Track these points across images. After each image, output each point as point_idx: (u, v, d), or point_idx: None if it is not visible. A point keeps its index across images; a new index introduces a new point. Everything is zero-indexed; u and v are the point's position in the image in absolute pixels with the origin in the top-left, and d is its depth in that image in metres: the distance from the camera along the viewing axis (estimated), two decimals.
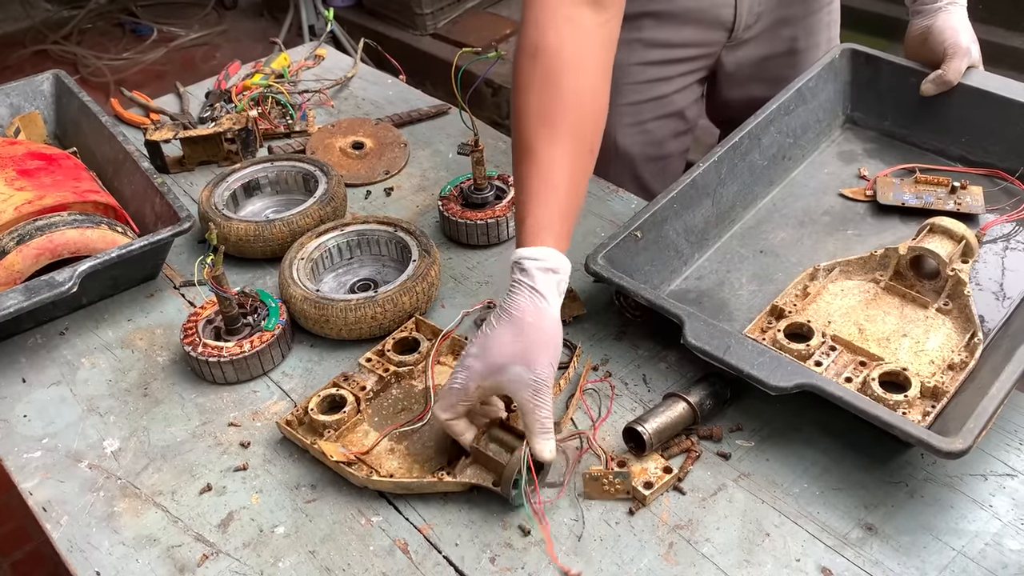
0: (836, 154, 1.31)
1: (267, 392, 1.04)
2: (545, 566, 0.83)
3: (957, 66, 1.21)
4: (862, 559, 0.82)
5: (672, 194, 1.11)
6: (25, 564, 1.95)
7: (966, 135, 1.24)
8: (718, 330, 0.94)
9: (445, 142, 1.46)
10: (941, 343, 0.98)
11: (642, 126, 1.44)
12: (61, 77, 1.47)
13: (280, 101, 1.54)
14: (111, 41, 4.13)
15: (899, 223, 1.18)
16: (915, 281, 1.05)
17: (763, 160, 1.23)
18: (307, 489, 0.92)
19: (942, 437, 0.81)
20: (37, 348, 1.11)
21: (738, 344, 0.92)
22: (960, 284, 1.01)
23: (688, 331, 0.94)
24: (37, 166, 1.22)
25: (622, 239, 1.06)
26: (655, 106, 1.42)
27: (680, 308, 0.97)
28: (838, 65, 1.31)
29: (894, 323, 1.01)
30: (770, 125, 1.23)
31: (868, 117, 1.33)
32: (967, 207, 1.16)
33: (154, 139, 1.39)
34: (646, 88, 1.40)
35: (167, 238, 1.11)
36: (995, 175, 1.21)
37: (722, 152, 1.17)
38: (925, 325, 1.00)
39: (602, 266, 1.02)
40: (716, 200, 1.17)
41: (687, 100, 1.45)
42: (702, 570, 0.82)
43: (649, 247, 1.09)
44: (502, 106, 3.23)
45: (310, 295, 1.06)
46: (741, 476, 0.90)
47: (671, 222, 1.12)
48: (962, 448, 0.79)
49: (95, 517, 0.91)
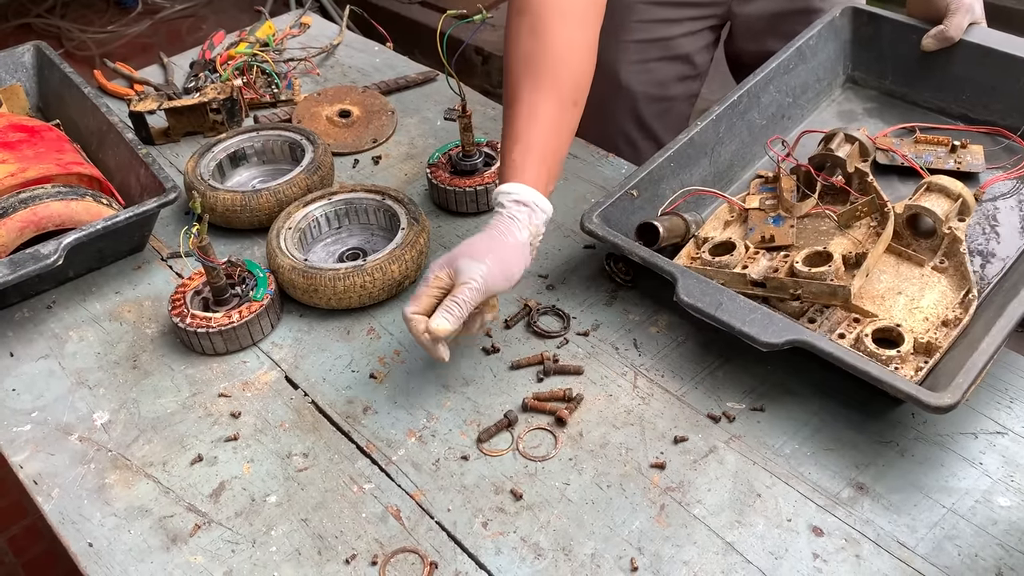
0: (836, 113, 1.30)
1: (257, 362, 1.03)
2: (537, 530, 0.83)
3: (959, 22, 1.19)
4: (853, 518, 0.82)
5: (669, 152, 1.11)
6: (22, 539, 1.96)
7: (967, 93, 1.23)
8: (711, 287, 0.94)
9: (433, 109, 1.45)
10: (936, 300, 0.98)
11: (645, 65, 1.43)
12: (42, 48, 1.45)
13: (265, 70, 1.52)
14: (95, 14, 4.07)
15: (898, 183, 1.16)
16: (912, 240, 1.04)
17: (762, 119, 1.22)
18: (299, 458, 0.92)
19: (930, 392, 0.81)
20: (24, 322, 1.11)
21: (730, 301, 0.92)
22: (956, 242, 1.01)
23: (681, 288, 0.94)
24: (19, 138, 1.20)
25: (617, 198, 1.06)
26: (660, 47, 1.42)
27: (673, 266, 0.97)
28: (838, 23, 1.29)
29: (889, 281, 1.01)
30: (769, 84, 1.22)
31: (869, 76, 1.32)
32: (967, 166, 1.15)
33: (138, 110, 1.37)
34: (652, 27, 1.40)
35: (152, 209, 1.10)
36: (996, 133, 1.20)
37: (720, 111, 1.16)
38: (920, 283, 1.00)
39: (597, 224, 1.02)
40: (713, 159, 1.17)
41: (695, 45, 1.44)
42: (694, 531, 0.82)
43: (645, 206, 1.09)
44: (492, 74, 3.19)
45: (298, 265, 1.05)
46: (732, 438, 0.90)
47: (667, 181, 1.12)
48: (950, 403, 0.79)
49: (86, 489, 0.91)
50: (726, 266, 1.00)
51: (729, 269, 1.00)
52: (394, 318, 1.07)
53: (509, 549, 0.82)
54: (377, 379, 1.00)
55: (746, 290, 0.98)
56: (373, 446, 0.93)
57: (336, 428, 0.95)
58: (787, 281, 0.96)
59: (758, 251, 1.02)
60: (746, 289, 0.98)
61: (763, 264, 1.00)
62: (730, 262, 1.00)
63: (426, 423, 0.94)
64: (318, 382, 1.00)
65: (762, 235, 1.05)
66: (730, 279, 0.99)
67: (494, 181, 1.20)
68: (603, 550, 0.81)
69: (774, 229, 1.04)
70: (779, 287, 0.97)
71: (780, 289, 0.97)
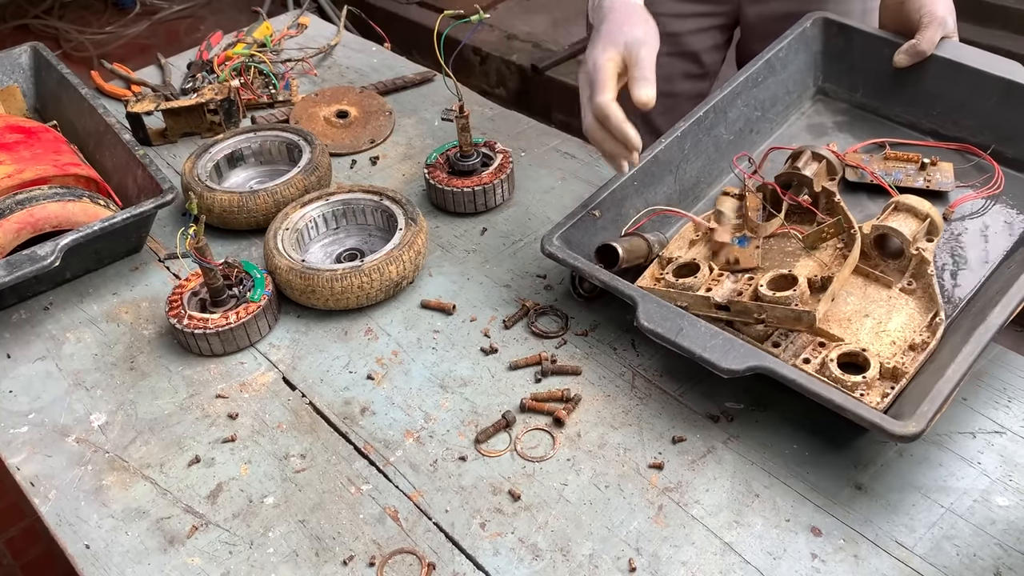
0: (805, 127, 1.26)
1: (254, 363, 1.03)
2: (535, 531, 0.83)
3: (931, 36, 1.15)
4: (851, 518, 0.82)
5: (632, 171, 1.07)
6: (19, 541, 1.96)
7: (938, 108, 1.19)
8: (671, 312, 0.92)
9: (431, 110, 1.45)
10: (903, 323, 0.96)
11: None
12: (39, 49, 1.45)
13: (263, 71, 1.51)
14: (93, 15, 4.07)
15: (867, 200, 1.14)
16: (879, 261, 1.02)
17: (729, 134, 1.19)
18: (296, 459, 0.92)
19: (895, 421, 0.79)
20: (21, 323, 1.10)
21: (691, 326, 0.90)
22: (924, 263, 0.98)
23: (641, 313, 0.92)
24: (16, 139, 1.20)
25: (579, 219, 1.03)
26: (668, 42, 1.40)
27: (633, 289, 0.95)
28: (809, 34, 1.25)
29: (856, 303, 0.98)
30: (737, 98, 1.19)
31: (839, 89, 1.28)
32: (937, 184, 1.11)
33: (136, 111, 1.37)
34: (659, 21, 1.40)
35: (150, 210, 1.10)
36: (966, 150, 1.16)
37: (686, 127, 1.13)
38: (888, 305, 0.98)
39: (557, 246, 0.99)
40: (679, 177, 1.14)
41: (703, 44, 1.44)
42: (692, 532, 0.82)
43: (608, 226, 1.06)
44: (490, 74, 3.20)
45: (296, 265, 1.05)
46: (730, 438, 0.90)
47: (631, 200, 1.09)
48: (915, 432, 0.77)
49: (83, 491, 0.91)
50: (689, 288, 0.97)
51: (693, 292, 0.97)
52: (392, 319, 1.07)
53: (507, 550, 0.82)
54: (375, 380, 1.00)
55: (710, 313, 0.96)
56: (371, 447, 0.92)
57: (334, 429, 0.95)
58: (751, 305, 0.93)
59: (722, 273, 1.00)
60: (710, 312, 0.96)
61: (727, 287, 0.98)
62: (694, 284, 0.98)
63: (424, 424, 0.94)
64: (316, 383, 1.00)
65: (727, 257, 1.02)
66: (693, 302, 0.96)
67: (492, 181, 1.20)
68: (601, 550, 0.81)
69: (739, 251, 1.02)
70: (743, 311, 0.94)
71: (744, 313, 0.94)
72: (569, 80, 2.95)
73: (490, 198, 1.21)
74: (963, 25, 1.21)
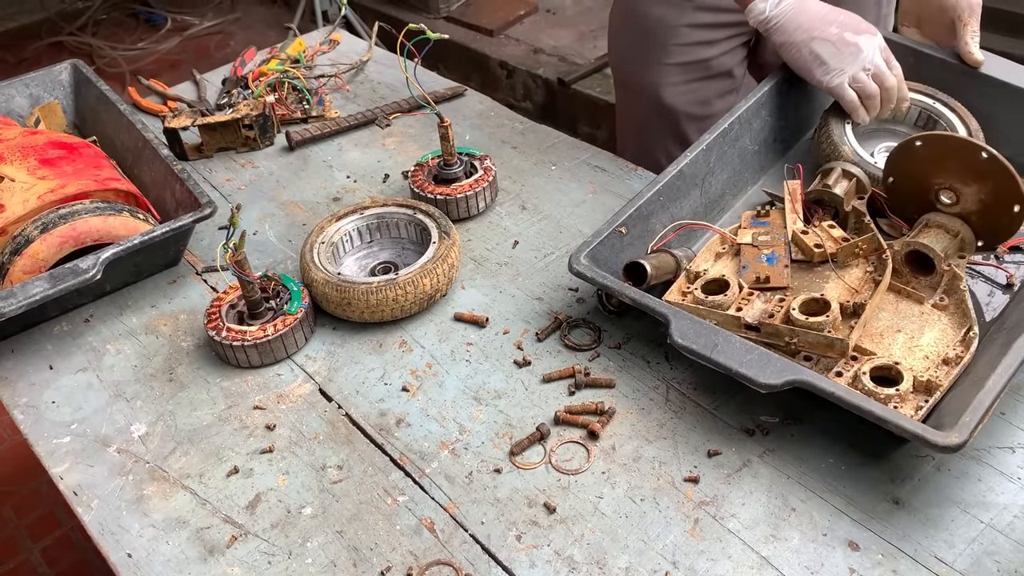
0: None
1: (291, 375, 1.04)
2: (571, 543, 0.84)
3: (973, 40, 1.18)
4: (889, 533, 0.82)
5: (658, 187, 1.08)
6: (54, 550, 1.98)
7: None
8: (705, 328, 0.91)
9: (462, 123, 1.46)
10: (936, 338, 0.95)
11: (689, 85, 1.45)
12: (79, 67, 1.48)
13: (296, 86, 1.54)
14: (125, 31, 4.14)
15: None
16: (911, 277, 1.02)
17: (754, 145, 1.20)
18: (333, 470, 0.93)
19: (937, 431, 0.79)
20: (63, 335, 1.12)
21: (726, 342, 0.89)
22: (956, 279, 0.98)
23: (674, 330, 0.91)
24: (59, 155, 1.23)
25: (606, 236, 1.03)
26: (702, 67, 1.43)
27: (665, 306, 0.94)
28: None
29: (888, 319, 0.98)
30: (761, 108, 1.19)
31: None
32: None
33: (172, 126, 1.39)
34: (693, 50, 1.41)
35: (188, 224, 1.12)
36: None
37: (711, 139, 1.13)
38: (920, 321, 0.98)
39: (585, 266, 0.99)
40: (705, 190, 1.14)
41: (734, 60, 1.46)
42: (728, 545, 0.82)
43: (635, 242, 1.06)
44: (516, 87, 3.21)
45: (331, 278, 1.06)
46: (766, 452, 0.90)
47: (657, 215, 1.09)
48: (958, 442, 0.77)
49: (125, 500, 0.92)
50: (719, 306, 0.97)
51: (722, 310, 0.97)
52: (426, 331, 1.08)
53: (543, 562, 0.82)
54: (409, 392, 1.00)
55: (739, 333, 0.95)
56: (406, 458, 0.93)
57: (370, 440, 0.96)
58: (783, 328, 0.93)
59: (752, 292, 1.00)
60: (739, 331, 0.95)
61: (758, 307, 0.97)
62: (723, 302, 0.97)
63: (458, 436, 0.95)
64: (351, 395, 1.01)
65: (756, 275, 1.02)
66: (723, 320, 0.96)
67: (479, 188, 1.22)
68: (637, 564, 0.81)
69: (769, 269, 1.01)
70: (774, 334, 0.94)
71: (775, 336, 0.94)
72: (594, 93, 2.96)
73: (471, 206, 1.23)
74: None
